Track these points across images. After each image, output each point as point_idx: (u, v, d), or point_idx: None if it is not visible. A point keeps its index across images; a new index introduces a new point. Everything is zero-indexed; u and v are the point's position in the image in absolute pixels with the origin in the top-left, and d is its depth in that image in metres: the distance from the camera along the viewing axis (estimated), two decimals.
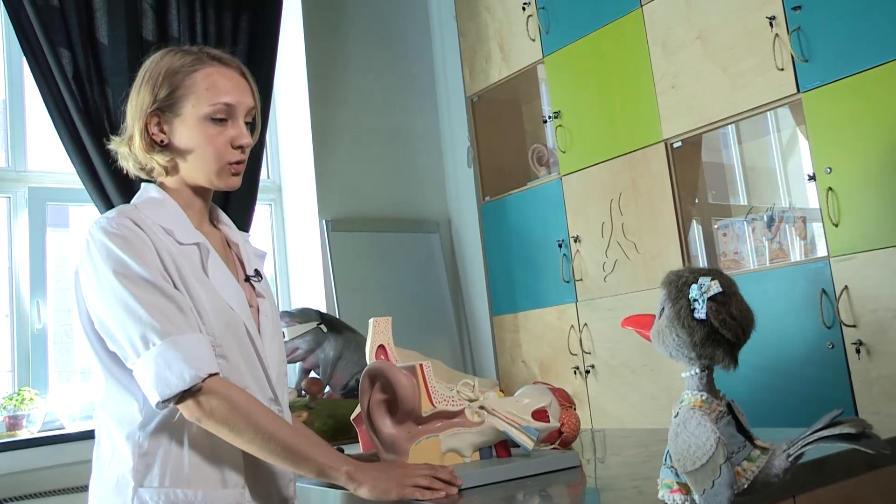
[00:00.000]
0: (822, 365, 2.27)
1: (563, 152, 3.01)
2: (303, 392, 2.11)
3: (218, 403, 1.21)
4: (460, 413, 1.40)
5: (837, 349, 2.23)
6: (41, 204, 2.80)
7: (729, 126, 2.68)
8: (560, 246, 3.02)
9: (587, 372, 2.92)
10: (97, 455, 1.33)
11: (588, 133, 2.93)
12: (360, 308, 3.13)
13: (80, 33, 2.68)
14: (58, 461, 2.49)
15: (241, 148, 1.38)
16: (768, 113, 2.55)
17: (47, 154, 2.85)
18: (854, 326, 2.20)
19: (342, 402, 2.03)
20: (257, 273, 1.46)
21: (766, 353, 2.39)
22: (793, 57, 2.31)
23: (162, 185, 1.40)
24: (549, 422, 1.40)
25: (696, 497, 0.93)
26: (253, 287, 1.43)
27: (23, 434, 2.58)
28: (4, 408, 2.60)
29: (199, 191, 1.40)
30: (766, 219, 2.58)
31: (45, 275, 2.77)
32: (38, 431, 2.63)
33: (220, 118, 1.35)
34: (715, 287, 0.93)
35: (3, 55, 2.88)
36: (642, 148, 2.73)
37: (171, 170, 1.38)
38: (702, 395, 0.97)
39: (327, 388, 2.21)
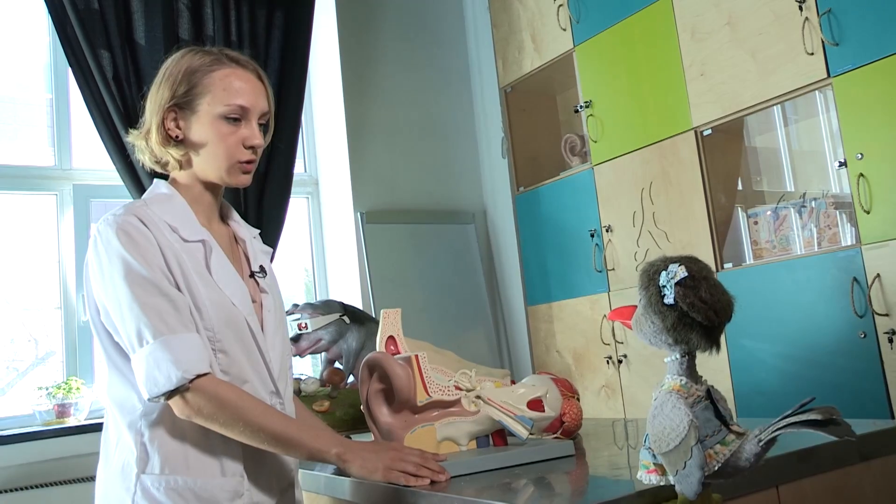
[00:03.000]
0: (854, 355, 2.22)
1: (595, 142, 3.00)
2: (325, 382, 2.16)
3: (205, 402, 1.26)
4: (456, 402, 1.43)
5: (869, 338, 2.18)
6: (85, 201, 2.92)
7: (774, 109, 2.63)
8: (592, 236, 3.01)
9: (620, 362, 2.91)
10: (104, 442, 1.38)
11: (619, 122, 2.92)
12: (396, 300, 3.17)
13: (118, 35, 2.78)
14: None
15: (252, 148, 1.42)
16: (817, 93, 2.48)
17: (91, 152, 2.96)
18: (887, 315, 2.15)
19: None
20: (262, 269, 1.50)
21: (796, 342, 2.35)
22: (823, 41, 2.26)
23: (174, 181, 1.45)
24: (544, 412, 1.41)
25: (670, 477, 0.95)
26: (257, 283, 1.47)
27: (71, 421, 2.71)
28: (54, 396, 2.72)
29: (209, 186, 1.45)
30: (799, 206, 2.53)
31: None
32: (85, 419, 2.75)
33: (234, 118, 1.40)
34: (681, 272, 0.96)
35: (49, 58, 3.00)
36: (672, 136, 2.70)
37: (185, 164, 1.43)
38: (681, 380, 0.99)
39: (350, 378, 2.25)
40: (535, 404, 1.41)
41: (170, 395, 1.26)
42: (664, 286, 0.98)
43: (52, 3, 2.71)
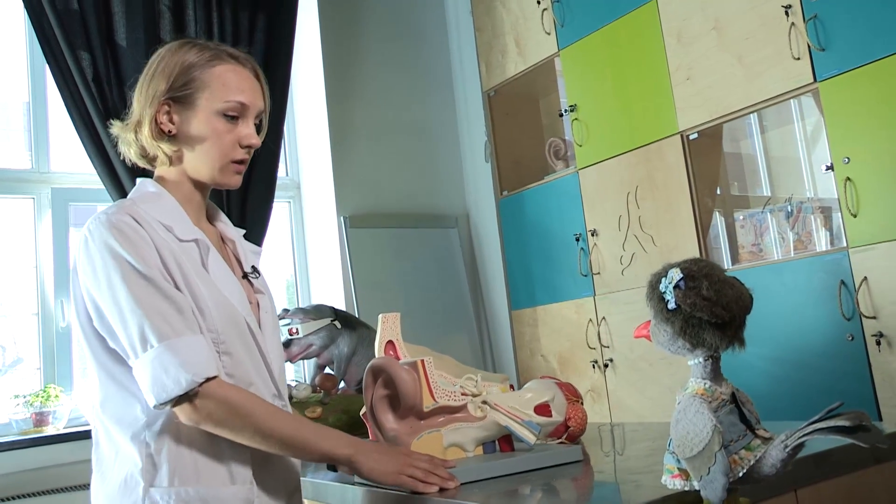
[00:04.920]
0: (842, 357, 2.24)
1: (580, 146, 3.01)
2: (317, 388, 2.13)
3: (214, 407, 1.22)
4: (463, 408, 1.41)
5: (857, 341, 2.20)
6: (64, 204, 2.85)
7: (751, 115, 2.65)
8: (577, 240, 3.01)
9: (605, 366, 2.91)
10: (98, 457, 1.32)
11: (604, 126, 2.92)
12: (379, 304, 3.14)
13: (99, 36, 2.72)
14: (82, 457, 2.53)
15: (248, 147, 1.39)
16: (792, 101, 2.51)
17: (69, 155, 2.90)
18: (874, 318, 2.17)
19: (356, 398, 2.05)
20: (254, 269, 1.47)
21: (784, 345, 2.37)
22: (809, 46, 2.28)
23: (160, 179, 1.40)
24: (551, 416, 1.40)
25: (694, 483, 0.94)
26: (251, 283, 1.44)
27: (49, 430, 2.64)
28: (31, 404, 2.65)
29: (199, 185, 1.40)
30: (785, 210, 2.56)
31: (69, 274, 2.82)
32: (64, 427, 2.69)
33: (232, 115, 1.36)
34: (677, 275, 0.95)
35: (26, 59, 2.93)
36: (658, 140, 2.71)
37: (175, 160, 1.38)
38: (705, 384, 0.99)
39: (342, 384, 2.22)
40: (543, 409, 1.39)
41: (177, 400, 1.21)
42: (664, 292, 0.97)
43: (30, 4, 2.65)
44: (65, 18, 2.67)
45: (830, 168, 2.28)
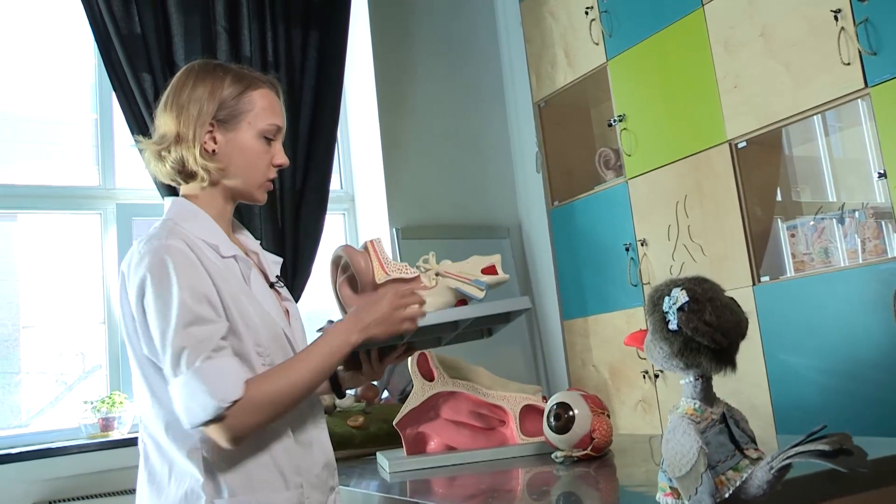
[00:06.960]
0: None
1: (629, 155, 2.99)
2: (359, 398, 2.18)
3: (248, 419, 1.26)
4: (415, 279, 1.51)
5: None
6: (128, 219, 2.99)
7: (815, 118, 2.59)
8: (627, 249, 3.00)
9: (656, 377, 2.89)
10: (149, 472, 1.35)
11: (653, 136, 2.91)
12: None
13: (159, 58, 2.85)
14: None
15: (279, 166, 1.47)
16: (859, 101, 2.44)
17: (133, 171, 3.04)
18: None
19: (397, 408, 2.09)
20: (278, 278, 1.53)
21: (837, 357, 2.31)
22: (860, 51, 2.23)
23: (191, 197, 1.44)
24: (498, 275, 1.48)
25: (684, 502, 0.95)
26: (278, 293, 1.50)
27: (114, 435, 2.77)
28: (98, 410, 2.79)
29: (230, 201, 1.47)
30: (838, 217, 2.50)
31: None
32: (128, 433, 2.81)
33: (269, 137, 1.44)
34: (682, 297, 0.94)
35: (94, 79, 3.09)
36: (706, 149, 2.68)
37: (217, 178, 1.42)
38: (694, 404, 0.99)
39: (385, 394, 2.27)
40: (490, 270, 1.47)
41: (208, 422, 1.25)
42: (667, 312, 0.97)
43: (97, 27, 2.80)
44: (128, 42, 2.80)
45: (883, 175, 2.22)
